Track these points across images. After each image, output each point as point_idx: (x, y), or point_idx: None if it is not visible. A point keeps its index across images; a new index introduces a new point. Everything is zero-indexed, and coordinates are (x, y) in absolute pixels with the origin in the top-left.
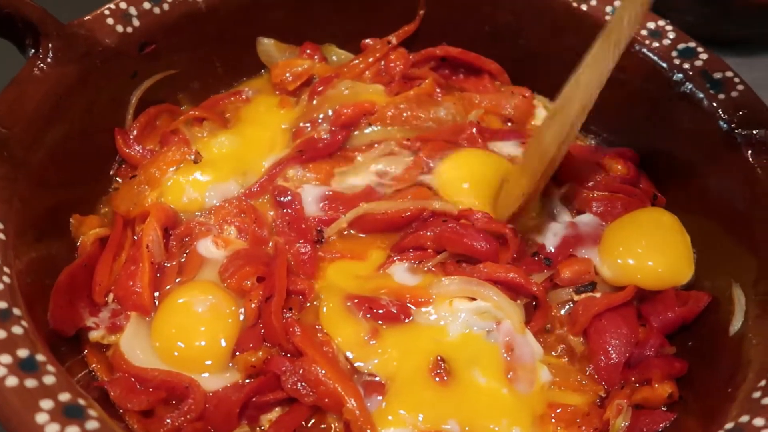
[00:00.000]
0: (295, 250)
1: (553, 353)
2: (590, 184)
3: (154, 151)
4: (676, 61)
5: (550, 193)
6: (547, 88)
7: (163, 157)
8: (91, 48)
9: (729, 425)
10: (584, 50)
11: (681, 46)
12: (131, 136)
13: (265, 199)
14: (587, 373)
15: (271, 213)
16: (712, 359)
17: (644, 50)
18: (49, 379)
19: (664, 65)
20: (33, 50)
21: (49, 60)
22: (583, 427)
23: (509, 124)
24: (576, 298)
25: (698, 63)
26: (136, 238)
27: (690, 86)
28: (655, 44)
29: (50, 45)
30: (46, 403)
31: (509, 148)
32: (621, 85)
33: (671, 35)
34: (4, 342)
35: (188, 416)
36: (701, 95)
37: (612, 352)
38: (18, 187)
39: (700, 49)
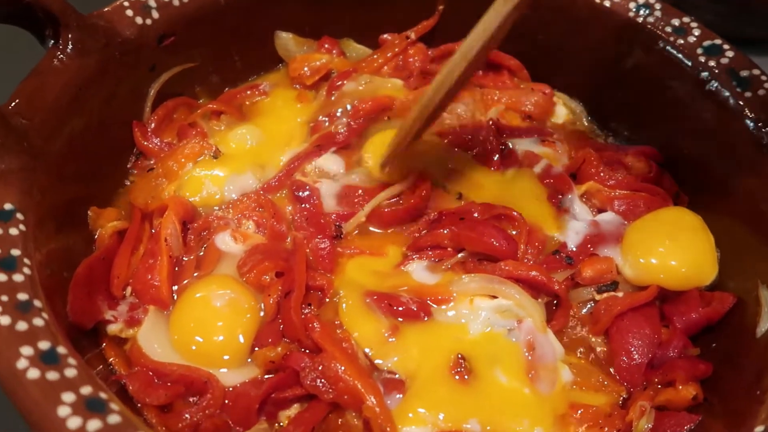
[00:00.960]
0: (314, 245)
1: (575, 353)
2: (612, 182)
3: (172, 144)
4: (702, 59)
5: (571, 191)
6: (568, 84)
7: (181, 150)
8: (111, 39)
9: (759, 428)
10: (608, 47)
11: (707, 43)
12: (149, 129)
13: (283, 194)
14: (609, 373)
15: (290, 208)
16: (738, 361)
17: (668, 47)
18: (70, 372)
19: (689, 63)
20: (53, 41)
21: (68, 51)
22: (606, 428)
23: (529, 120)
24: (598, 297)
25: (724, 60)
26: (154, 231)
27: (716, 84)
28: (680, 41)
29: (70, 36)
30: (68, 396)
31: (529, 144)
32: (643, 82)
33: (696, 32)
34: (26, 334)
35: (207, 411)
36: (727, 93)
37: (634, 352)
38: (37, 177)
39: (726, 47)
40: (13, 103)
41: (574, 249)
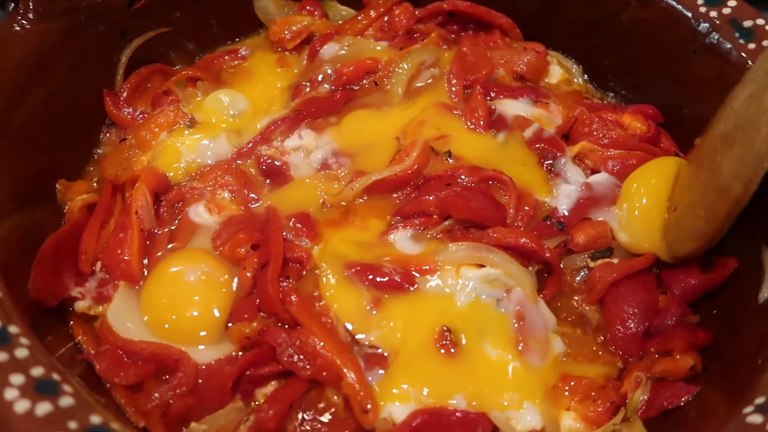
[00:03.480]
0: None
1: (568, 322)
2: (606, 141)
3: (146, 114)
4: (702, 9)
5: (563, 153)
6: (562, 43)
7: (154, 119)
8: (76, 3)
9: (760, 400)
10: (603, 1)
11: None
12: (121, 98)
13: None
14: (603, 343)
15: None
16: (740, 329)
17: None
18: (21, 353)
19: (689, 14)
20: (13, 5)
21: (30, 15)
22: (599, 401)
23: (522, 81)
24: (592, 264)
25: (726, 11)
26: (125, 204)
27: (717, 36)
28: None
29: None
30: (17, 378)
31: (520, 107)
32: (641, 37)
33: None
34: None
35: (178, 390)
36: (729, 46)
37: (630, 321)
38: None
39: None
40: None
41: (566, 213)
